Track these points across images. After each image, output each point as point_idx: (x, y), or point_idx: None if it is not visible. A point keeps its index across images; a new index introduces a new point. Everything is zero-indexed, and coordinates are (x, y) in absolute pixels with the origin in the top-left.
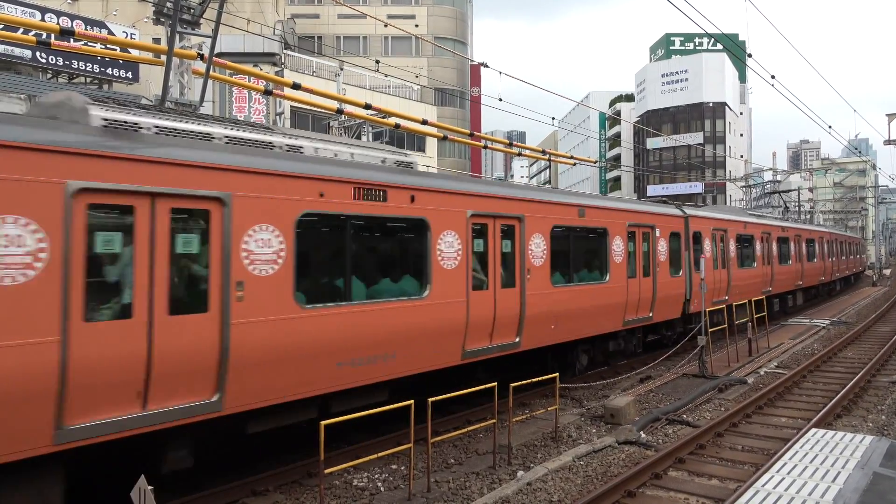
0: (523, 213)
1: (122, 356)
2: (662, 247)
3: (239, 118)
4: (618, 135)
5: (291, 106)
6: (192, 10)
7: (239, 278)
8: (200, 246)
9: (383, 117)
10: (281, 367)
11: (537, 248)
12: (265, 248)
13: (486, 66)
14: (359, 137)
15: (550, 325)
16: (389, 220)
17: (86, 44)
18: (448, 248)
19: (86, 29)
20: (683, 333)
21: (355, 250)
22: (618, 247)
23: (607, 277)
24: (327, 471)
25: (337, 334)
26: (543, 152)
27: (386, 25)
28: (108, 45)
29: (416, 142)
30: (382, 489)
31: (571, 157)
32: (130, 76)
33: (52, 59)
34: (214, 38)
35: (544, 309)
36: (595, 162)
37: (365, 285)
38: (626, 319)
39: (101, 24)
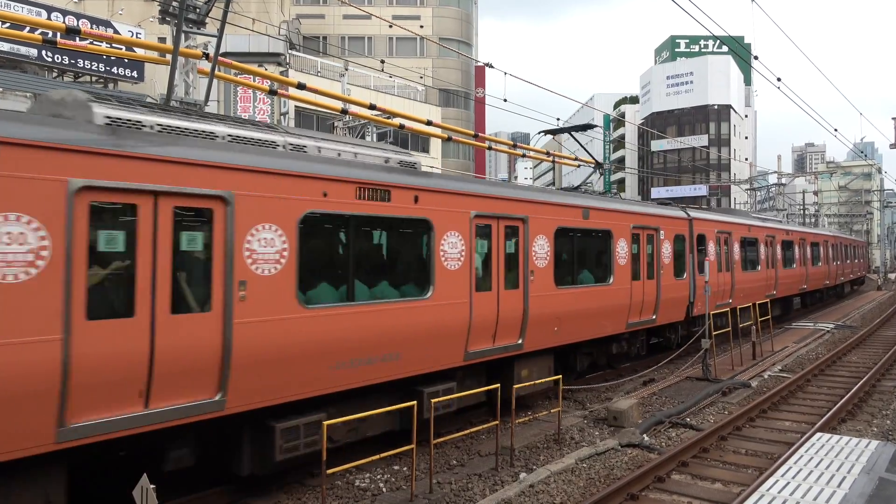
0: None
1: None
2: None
3: (243, 117)
4: (622, 136)
5: (296, 106)
6: (197, 10)
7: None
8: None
9: (388, 118)
10: None
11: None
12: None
13: (491, 66)
14: (363, 138)
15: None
16: None
17: (91, 42)
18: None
19: (91, 28)
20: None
21: None
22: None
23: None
24: (329, 471)
25: None
26: (547, 154)
27: (391, 26)
28: (114, 44)
29: (420, 143)
30: (384, 490)
31: (576, 159)
32: (136, 75)
33: (57, 58)
34: (220, 37)
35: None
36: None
37: None
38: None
39: (107, 23)
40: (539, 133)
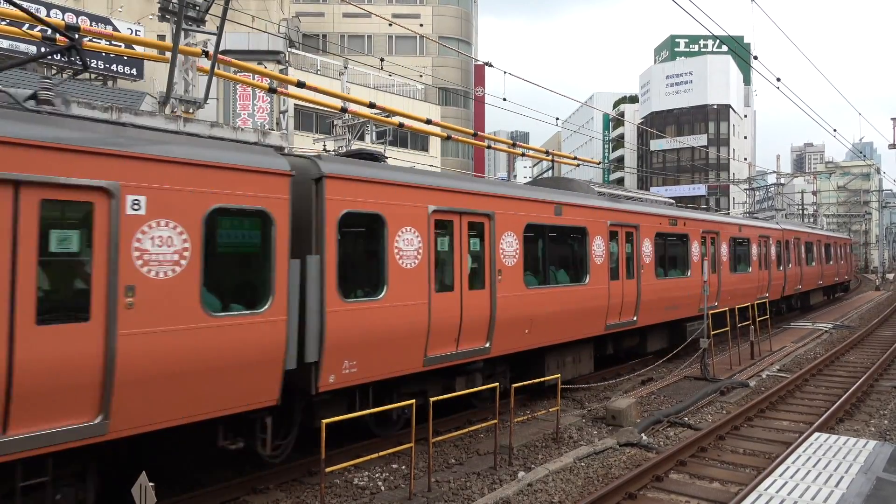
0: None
1: None
2: None
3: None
4: (622, 136)
5: (295, 104)
6: (197, 8)
7: None
8: None
9: (387, 116)
10: None
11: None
12: None
13: (491, 65)
14: (362, 136)
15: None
16: None
17: (91, 40)
18: None
19: (91, 25)
20: None
21: None
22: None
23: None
24: (328, 469)
25: None
26: (547, 153)
27: (391, 24)
28: (113, 42)
29: (419, 141)
30: (383, 488)
31: (575, 158)
32: (135, 73)
33: (56, 55)
34: (219, 35)
35: None
36: (598, 163)
37: None
38: None
39: (107, 21)
40: None
